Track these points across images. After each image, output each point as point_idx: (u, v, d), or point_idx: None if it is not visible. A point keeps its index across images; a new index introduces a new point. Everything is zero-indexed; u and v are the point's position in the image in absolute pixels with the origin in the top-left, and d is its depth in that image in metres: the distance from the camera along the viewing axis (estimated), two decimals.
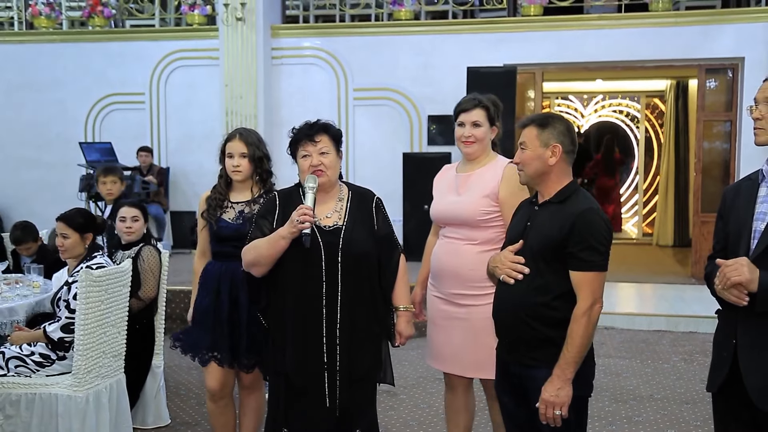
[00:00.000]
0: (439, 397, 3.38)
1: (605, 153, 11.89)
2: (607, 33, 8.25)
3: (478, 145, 3.15)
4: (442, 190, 3.26)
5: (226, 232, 3.28)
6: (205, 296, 3.32)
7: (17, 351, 3.60)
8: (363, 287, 2.77)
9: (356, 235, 2.77)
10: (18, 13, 9.96)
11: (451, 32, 8.65)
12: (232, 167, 3.32)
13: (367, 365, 2.81)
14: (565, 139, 2.51)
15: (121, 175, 5.26)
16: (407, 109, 8.72)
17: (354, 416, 2.80)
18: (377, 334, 2.87)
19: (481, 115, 3.15)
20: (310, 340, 2.72)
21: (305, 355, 2.73)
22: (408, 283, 2.97)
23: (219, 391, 3.39)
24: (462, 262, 3.08)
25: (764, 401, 2.24)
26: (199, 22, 9.19)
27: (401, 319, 2.89)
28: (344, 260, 2.72)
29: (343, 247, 2.73)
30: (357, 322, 2.76)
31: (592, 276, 2.40)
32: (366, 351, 2.80)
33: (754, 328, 2.25)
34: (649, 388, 5.08)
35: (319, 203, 2.75)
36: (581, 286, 2.40)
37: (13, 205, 9.58)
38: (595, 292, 2.40)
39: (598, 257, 2.40)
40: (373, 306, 2.83)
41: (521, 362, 2.51)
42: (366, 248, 2.78)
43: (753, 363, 2.26)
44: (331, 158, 2.77)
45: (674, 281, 8.22)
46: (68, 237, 3.73)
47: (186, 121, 9.20)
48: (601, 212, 2.48)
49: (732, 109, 8.21)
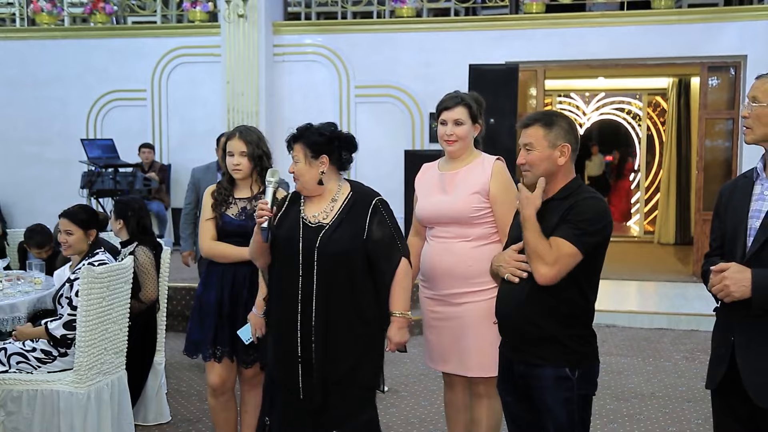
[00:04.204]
0: (441, 394, 3.38)
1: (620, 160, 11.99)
2: (610, 30, 8.23)
3: (461, 144, 3.13)
4: (426, 190, 3.23)
5: (230, 228, 3.32)
6: (210, 291, 3.36)
7: (19, 347, 3.60)
8: (342, 287, 2.77)
9: (337, 235, 2.77)
10: (19, 9, 9.95)
11: (453, 29, 8.63)
12: (232, 165, 3.35)
13: (346, 366, 2.78)
14: (571, 138, 2.51)
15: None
16: (409, 106, 8.71)
17: (333, 417, 2.78)
18: (361, 335, 2.81)
19: (463, 113, 3.12)
20: (286, 334, 2.81)
21: (282, 348, 2.83)
22: (408, 289, 2.89)
23: (220, 386, 3.40)
24: (457, 260, 3.07)
25: (762, 398, 2.24)
26: (201, 18, 9.19)
27: (393, 324, 2.83)
28: (320, 258, 2.76)
29: (320, 246, 2.76)
30: (335, 321, 2.76)
31: (569, 247, 2.37)
32: (344, 351, 2.78)
33: (752, 326, 2.26)
34: (651, 386, 5.08)
35: (310, 203, 2.87)
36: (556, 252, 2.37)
37: (14, 202, 9.58)
38: (560, 263, 2.37)
39: (584, 237, 2.37)
40: (357, 307, 2.80)
41: (527, 361, 2.50)
42: (344, 248, 2.77)
43: (750, 360, 2.27)
44: (300, 167, 2.82)
45: (676, 279, 8.22)
46: (72, 233, 3.73)
47: (187, 118, 9.19)
48: (599, 201, 2.48)
49: (734, 107, 8.19)
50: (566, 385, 2.44)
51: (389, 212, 2.87)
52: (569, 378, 2.44)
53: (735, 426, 2.39)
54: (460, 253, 3.07)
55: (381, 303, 2.85)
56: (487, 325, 2.95)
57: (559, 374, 2.44)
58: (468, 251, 3.05)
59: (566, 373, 2.44)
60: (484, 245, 3.05)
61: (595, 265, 2.49)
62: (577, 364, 2.46)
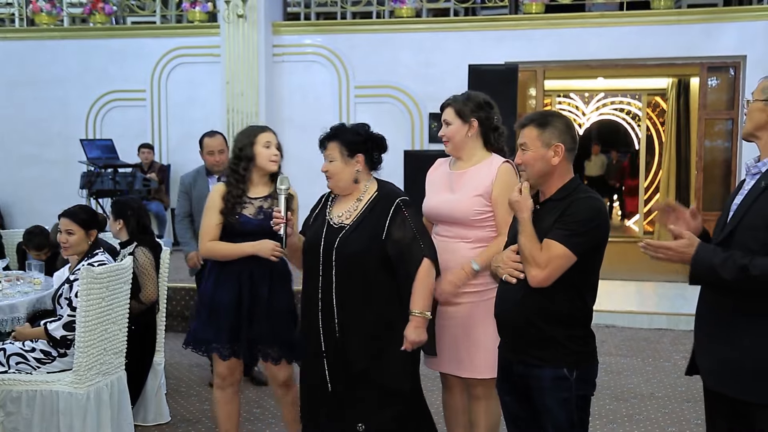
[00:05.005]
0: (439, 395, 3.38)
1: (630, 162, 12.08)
2: (609, 31, 8.23)
3: (451, 144, 3.18)
4: (435, 186, 3.25)
5: (248, 227, 3.30)
6: (223, 290, 3.32)
7: (18, 347, 3.60)
8: (358, 287, 2.84)
9: (355, 235, 2.83)
10: (19, 9, 9.94)
11: (453, 30, 8.63)
12: (272, 156, 3.35)
13: (365, 363, 2.86)
14: (566, 138, 2.51)
15: None
16: (408, 106, 8.71)
17: (359, 412, 2.89)
18: (380, 335, 2.87)
19: (449, 113, 3.17)
20: (312, 329, 2.94)
21: (309, 342, 2.98)
22: (429, 289, 2.89)
23: (228, 376, 3.42)
24: (455, 261, 3.07)
25: (711, 380, 2.29)
26: (201, 19, 9.18)
27: (411, 323, 2.86)
28: (338, 258, 2.85)
29: (338, 247, 2.85)
30: (351, 321, 2.86)
31: (560, 250, 2.38)
32: (362, 349, 2.86)
33: (708, 309, 2.32)
34: (650, 387, 5.08)
35: (337, 203, 3.01)
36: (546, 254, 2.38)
37: (13, 202, 9.58)
38: (552, 264, 2.37)
39: (575, 238, 2.38)
40: (376, 307, 2.86)
41: (525, 362, 2.51)
42: (360, 249, 2.82)
43: (702, 342, 2.32)
44: (335, 165, 2.92)
45: (675, 279, 8.19)
46: (73, 233, 3.72)
47: (187, 118, 9.17)
48: (595, 201, 2.48)
49: (733, 108, 8.19)
50: (565, 386, 2.45)
51: (413, 212, 2.92)
52: (567, 378, 2.45)
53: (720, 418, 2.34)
54: (459, 253, 3.06)
55: (403, 303, 2.87)
56: (485, 327, 2.96)
57: (558, 375, 2.45)
58: (466, 252, 3.05)
59: (564, 373, 2.44)
60: (483, 247, 3.05)
61: (592, 266, 2.49)
62: (575, 365, 2.46)
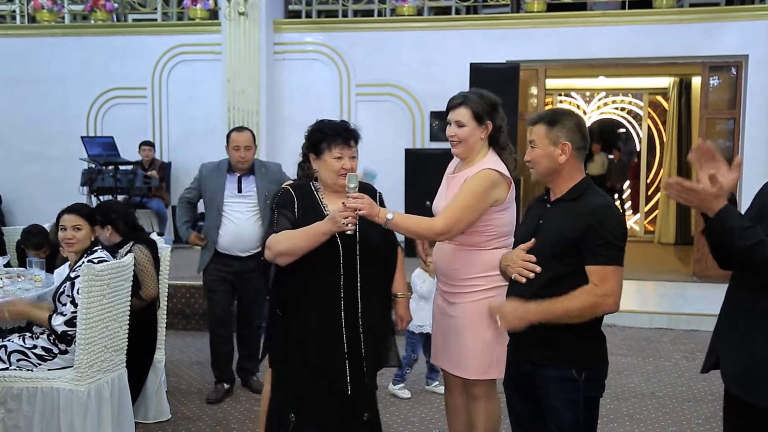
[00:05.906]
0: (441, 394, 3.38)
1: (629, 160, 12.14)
2: (611, 30, 8.23)
3: (463, 146, 3.04)
4: (441, 187, 3.25)
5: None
6: None
7: (19, 344, 3.60)
8: (379, 278, 2.93)
9: (371, 229, 2.82)
10: (20, 6, 9.94)
11: (454, 28, 8.63)
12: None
13: (386, 353, 3.00)
14: (575, 136, 2.50)
15: None
16: (409, 105, 8.71)
17: (366, 401, 2.93)
18: (389, 321, 3.02)
19: (464, 114, 3.01)
20: (333, 331, 2.80)
21: (328, 346, 2.80)
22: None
23: None
24: (445, 261, 3.11)
25: (733, 384, 2.25)
26: (202, 16, 9.19)
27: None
28: (362, 253, 2.83)
29: (361, 240, 2.82)
30: (376, 312, 2.89)
31: (611, 270, 2.40)
32: (385, 339, 2.98)
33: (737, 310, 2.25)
34: (651, 386, 5.08)
35: (328, 196, 2.89)
36: (599, 280, 2.39)
37: (14, 200, 9.58)
38: (613, 286, 2.39)
39: (615, 251, 2.41)
40: (387, 296, 3.01)
41: (532, 361, 2.51)
42: (380, 241, 2.89)
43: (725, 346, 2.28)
44: (356, 163, 2.89)
45: (676, 279, 8.22)
46: (81, 228, 3.70)
47: (188, 116, 9.19)
48: (614, 207, 2.50)
49: (735, 107, 8.19)
50: (572, 387, 2.43)
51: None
52: (575, 379, 2.43)
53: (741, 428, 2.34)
54: (447, 254, 3.09)
55: (389, 288, 3.05)
56: (481, 327, 2.96)
57: (565, 375, 2.44)
58: (451, 253, 3.06)
59: (573, 374, 2.43)
60: (470, 250, 3.02)
61: None
62: (584, 366, 2.45)
